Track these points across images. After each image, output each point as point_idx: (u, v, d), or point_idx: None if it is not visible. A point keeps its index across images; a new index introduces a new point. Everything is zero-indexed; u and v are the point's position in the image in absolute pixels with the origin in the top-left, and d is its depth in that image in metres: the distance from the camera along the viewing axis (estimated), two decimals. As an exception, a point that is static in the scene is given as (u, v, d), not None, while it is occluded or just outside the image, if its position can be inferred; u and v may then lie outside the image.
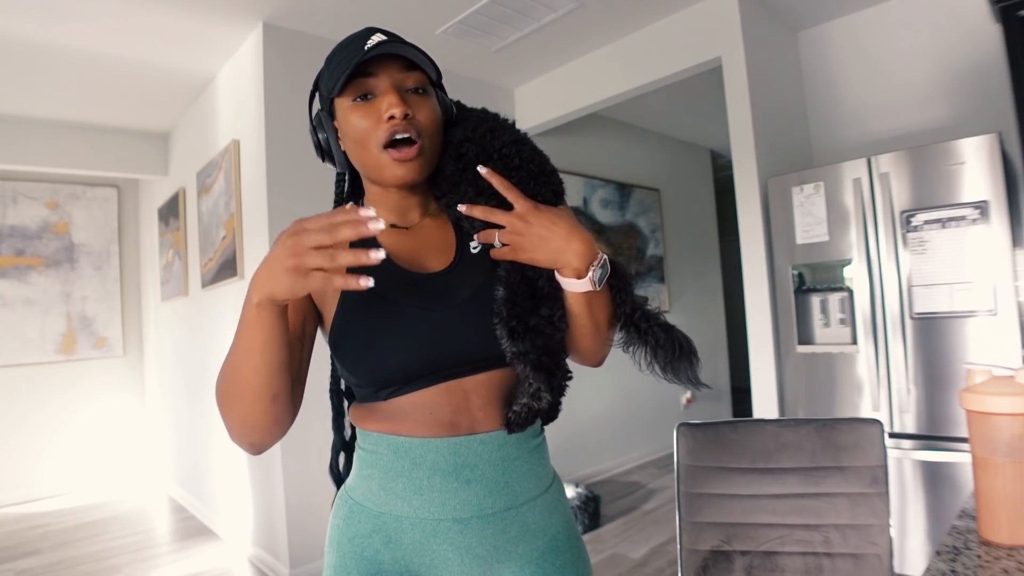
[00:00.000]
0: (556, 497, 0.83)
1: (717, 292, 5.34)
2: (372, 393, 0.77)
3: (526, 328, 0.73)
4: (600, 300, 0.77)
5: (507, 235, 0.74)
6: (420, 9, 2.69)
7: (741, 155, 2.66)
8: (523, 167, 0.77)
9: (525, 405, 0.75)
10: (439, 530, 0.73)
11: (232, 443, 0.76)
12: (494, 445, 0.76)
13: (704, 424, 1.24)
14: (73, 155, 3.84)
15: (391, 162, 0.74)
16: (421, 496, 0.73)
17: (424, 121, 0.75)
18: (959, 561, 0.71)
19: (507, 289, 0.75)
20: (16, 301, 4.21)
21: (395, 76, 0.75)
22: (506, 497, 0.76)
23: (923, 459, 2.10)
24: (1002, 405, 0.75)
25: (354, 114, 0.75)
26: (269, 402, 0.68)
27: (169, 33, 2.74)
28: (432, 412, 0.74)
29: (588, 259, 0.73)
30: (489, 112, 0.84)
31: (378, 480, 0.76)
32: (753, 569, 1.15)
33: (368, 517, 0.76)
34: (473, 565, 0.74)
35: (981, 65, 2.54)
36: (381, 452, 0.76)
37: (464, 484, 0.74)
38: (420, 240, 0.81)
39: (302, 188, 2.78)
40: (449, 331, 0.75)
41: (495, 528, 0.75)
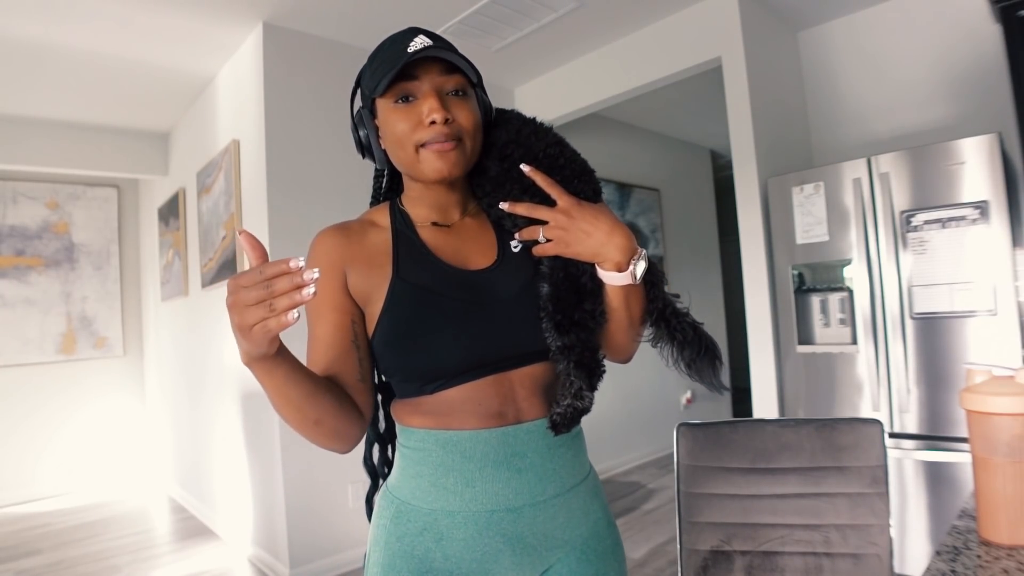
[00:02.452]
0: (595, 484, 0.87)
1: (717, 292, 5.34)
2: (419, 387, 0.77)
3: (571, 322, 0.76)
4: (636, 295, 0.80)
5: (551, 230, 0.77)
6: (420, 9, 2.69)
7: (741, 155, 2.66)
8: (567, 166, 0.80)
9: (569, 406, 0.77)
10: (492, 521, 0.75)
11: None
12: (540, 433, 0.78)
13: (704, 424, 1.24)
14: (73, 155, 3.84)
15: (430, 156, 0.76)
16: (473, 488, 0.75)
17: (464, 122, 0.77)
18: (959, 561, 0.71)
19: (551, 285, 0.78)
20: (16, 301, 4.21)
21: (436, 80, 0.76)
22: (555, 484, 0.78)
23: (923, 459, 2.10)
24: (1002, 405, 0.75)
25: (395, 115, 0.77)
26: (313, 426, 0.72)
27: (169, 33, 2.74)
28: (481, 403, 0.76)
29: (629, 253, 0.76)
30: (526, 116, 0.86)
31: (427, 477, 0.76)
32: (753, 569, 1.15)
33: (418, 515, 0.76)
34: (524, 555, 0.76)
35: (981, 65, 2.54)
36: (429, 448, 0.77)
37: (515, 473, 0.76)
38: (462, 238, 0.83)
39: (302, 188, 2.78)
40: (498, 326, 0.77)
41: (546, 515, 0.77)
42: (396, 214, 0.84)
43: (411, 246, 0.81)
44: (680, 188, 5.05)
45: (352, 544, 2.77)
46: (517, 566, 0.76)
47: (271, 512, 2.72)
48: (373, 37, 2.92)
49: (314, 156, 2.83)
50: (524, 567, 0.77)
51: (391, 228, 0.82)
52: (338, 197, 2.87)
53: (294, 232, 2.72)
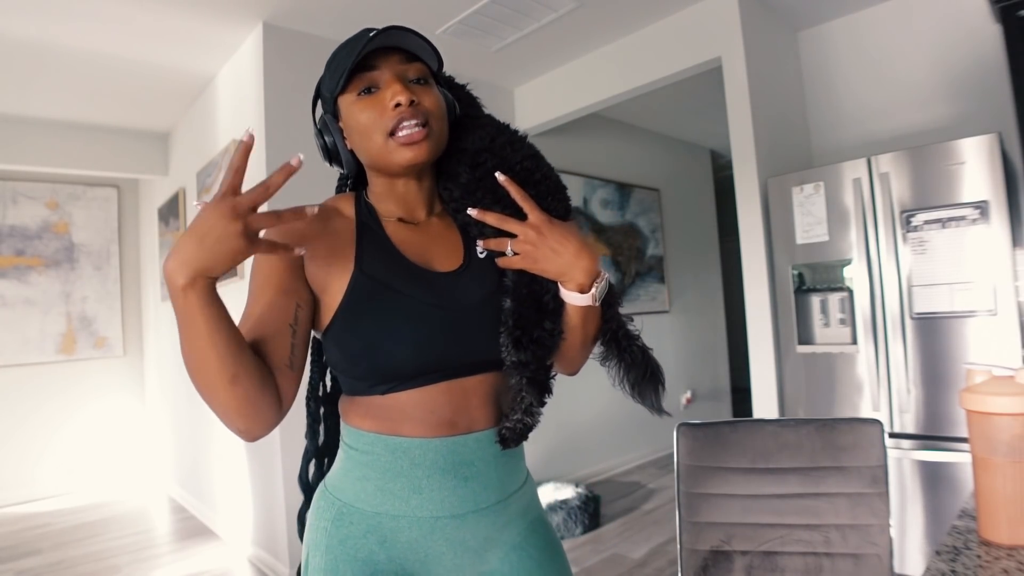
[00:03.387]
0: (532, 487, 0.88)
1: (717, 292, 5.34)
2: (370, 387, 0.76)
3: (530, 339, 0.76)
4: (594, 315, 0.81)
5: (520, 244, 0.76)
6: (420, 9, 2.69)
7: (741, 155, 2.66)
8: (542, 182, 0.80)
9: (519, 420, 0.78)
10: (436, 527, 0.75)
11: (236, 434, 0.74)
12: (487, 443, 0.78)
13: (704, 424, 1.24)
14: (73, 155, 3.84)
15: (398, 146, 0.74)
16: (420, 495, 0.74)
17: (430, 106, 0.75)
18: (959, 561, 0.71)
19: (514, 301, 0.77)
20: (16, 301, 4.21)
21: (396, 68, 0.76)
22: (498, 491, 0.79)
23: (923, 459, 2.10)
24: (1002, 405, 0.75)
25: (359, 107, 0.76)
26: (228, 384, 0.65)
27: (169, 33, 2.74)
28: (434, 411, 0.75)
29: (593, 275, 0.76)
30: (498, 121, 0.86)
31: (374, 481, 0.75)
32: (753, 569, 1.15)
33: (362, 518, 0.75)
34: (465, 557, 0.77)
35: (981, 65, 2.54)
36: (377, 452, 0.75)
37: (462, 481, 0.76)
38: (428, 238, 0.82)
39: (302, 188, 2.77)
40: (460, 332, 0.76)
41: (487, 520, 0.78)
42: (362, 205, 0.82)
43: (375, 240, 0.79)
44: (680, 188, 5.05)
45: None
46: (458, 568, 0.77)
47: (271, 512, 2.72)
48: (373, 37, 2.93)
49: (314, 156, 2.82)
50: (464, 568, 0.78)
51: (355, 219, 0.80)
52: (338, 197, 2.87)
53: (294, 232, 2.72)
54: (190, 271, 0.60)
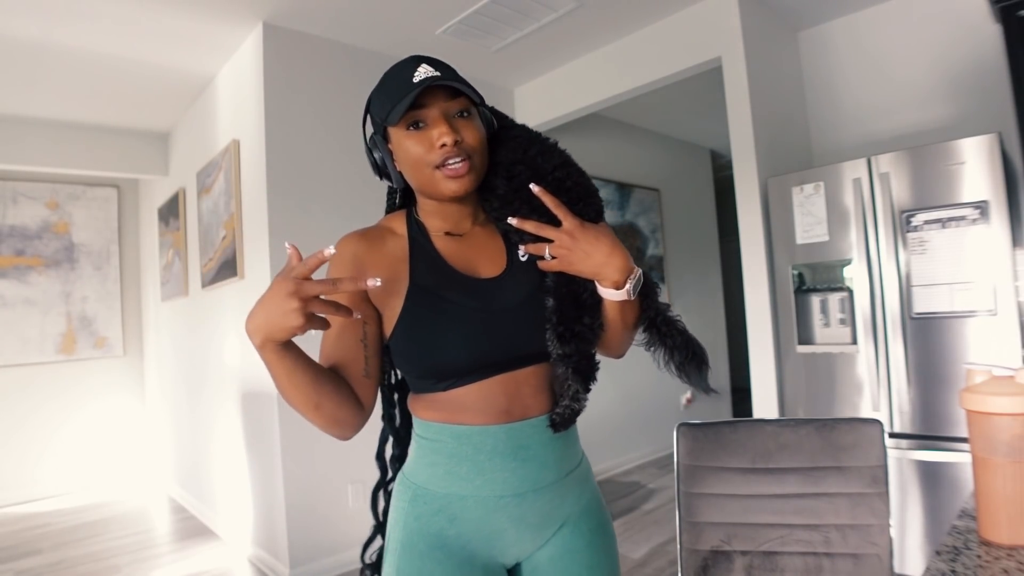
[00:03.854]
0: (587, 469, 0.96)
1: (717, 292, 5.34)
2: (432, 384, 0.85)
3: (572, 334, 0.84)
4: (631, 306, 0.87)
5: (556, 249, 0.84)
6: (420, 9, 2.69)
7: (741, 155, 2.65)
8: (573, 189, 0.87)
9: (567, 407, 0.85)
10: (499, 505, 0.84)
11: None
12: (542, 427, 0.86)
13: (704, 424, 1.24)
14: (73, 155, 3.84)
15: (444, 178, 0.82)
16: (483, 477, 0.83)
17: (471, 141, 0.83)
18: (959, 561, 0.71)
19: (556, 300, 0.85)
20: (16, 301, 4.21)
21: (442, 105, 0.82)
22: (554, 471, 0.87)
23: (923, 459, 2.10)
24: (1002, 405, 0.75)
25: (409, 141, 0.83)
26: (314, 411, 0.79)
27: (169, 33, 2.74)
28: (490, 402, 0.84)
29: (626, 273, 0.83)
30: (531, 131, 0.92)
31: (442, 465, 0.85)
32: (753, 569, 1.15)
33: (433, 499, 0.85)
34: (525, 532, 0.86)
35: (981, 65, 2.54)
36: (444, 440, 0.85)
37: (520, 463, 0.84)
38: (473, 247, 0.91)
39: (302, 188, 2.78)
40: (505, 330, 0.84)
41: (545, 498, 0.86)
42: (412, 223, 0.91)
43: (425, 254, 0.88)
44: (680, 188, 5.04)
45: (352, 544, 2.77)
46: (519, 541, 0.87)
47: (271, 512, 2.72)
48: (373, 37, 2.94)
49: (314, 156, 2.83)
50: (525, 542, 0.87)
51: (407, 236, 0.90)
52: (338, 197, 2.87)
53: (294, 232, 2.72)
54: (260, 336, 0.71)
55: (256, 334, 0.70)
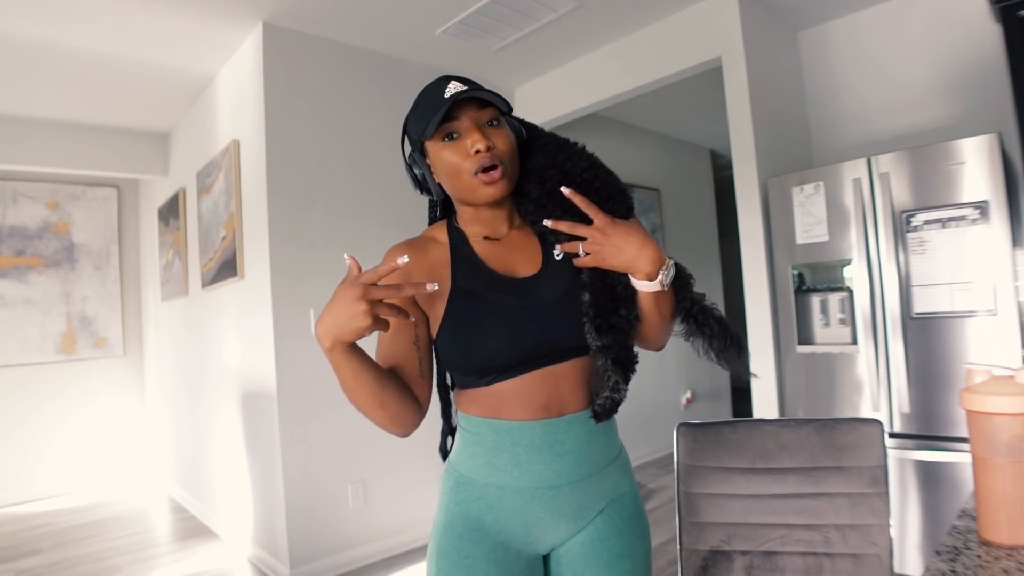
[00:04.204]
0: (624, 462, 0.99)
1: (717, 292, 5.34)
2: (476, 380, 0.90)
3: (608, 325, 0.87)
4: (666, 298, 0.91)
5: (589, 245, 0.88)
6: (420, 9, 2.69)
7: (741, 155, 2.65)
8: (602, 189, 0.91)
9: (608, 398, 0.89)
10: (535, 496, 0.88)
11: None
12: (579, 423, 0.90)
13: (704, 424, 1.24)
14: (73, 155, 3.84)
15: (481, 184, 0.88)
16: (520, 469, 0.88)
17: (503, 148, 0.89)
18: (959, 561, 0.71)
19: (591, 294, 0.89)
20: (16, 301, 4.21)
21: (473, 115, 0.88)
22: (590, 465, 0.91)
23: (923, 459, 2.10)
24: (1002, 405, 0.75)
25: (445, 152, 0.89)
26: (379, 409, 0.85)
27: (169, 33, 2.74)
28: (531, 396, 0.88)
29: (658, 264, 0.88)
30: (559, 138, 0.98)
31: (483, 457, 0.90)
32: (753, 569, 1.15)
33: (474, 487, 0.91)
34: (560, 522, 0.91)
35: (981, 65, 2.54)
36: (484, 433, 0.90)
37: (556, 457, 0.88)
38: (510, 249, 0.96)
39: (302, 188, 2.78)
40: (544, 326, 0.89)
41: (581, 490, 0.90)
42: (453, 231, 0.97)
43: (466, 258, 0.94)
44: (680, 188, 5.04)
45: (352, 544, 2.77)
46: (554, 530, 0.91)
47: (271, 512, 2.72)
48: (373, 37, 2.94)
49: (314, 156, 2.83)
50: (560, 531, 0.91)
51: (449, 243, 0.96)
52: (338, 196, 2.87)
53: (294, 232, 2.72)
54: (330, 339, 0.77)
55: (326, 337, 0.76)
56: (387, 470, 2.91)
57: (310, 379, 2.70)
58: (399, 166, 3.08)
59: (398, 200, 3.03)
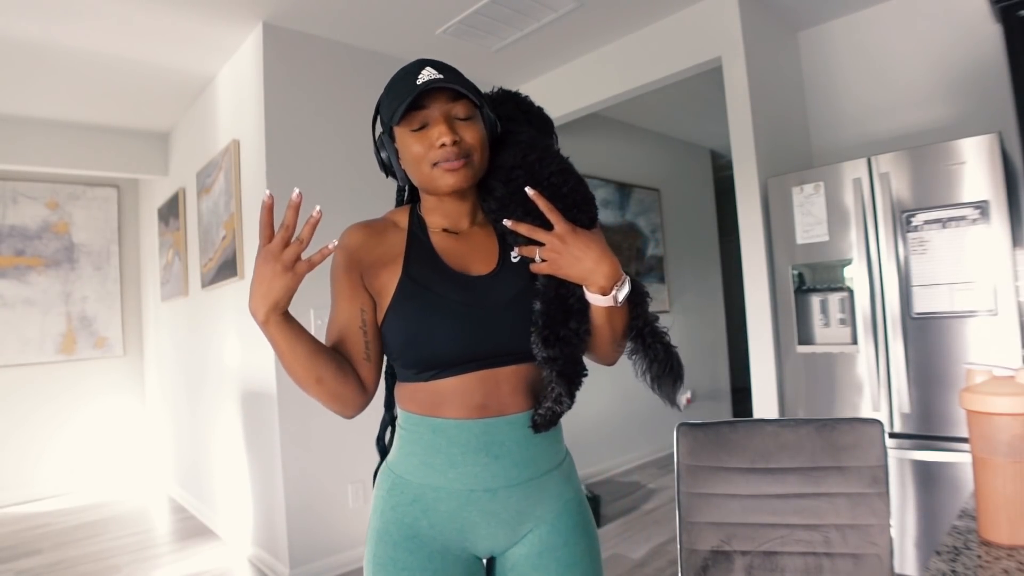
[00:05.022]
0: (569, 469, 0.97)
1: (717, 292, 5.34)
2: (415, 374, 0.88)
3: (556, 338, 0.85)
4: (619, 313, 0.88)
5: (546, 252, 0.86)
6: (420, 9, 2.69)
7: (741, 155, 2.65)
8: (569, 195, 0.89)
9: (549, 409, 0.87)
10: (471, 499, 0.86)
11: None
12: (518, 425, 0.88)
13: (704, 424, 1.24)
14: (73, 155, 3.84)
15: (442, 173, 0.86)
16: (456, 470, 0.86)
17: (471, 141, 0.86)
18: (959, 561, 0.71)
19: (543, 303, 0.87)
20: (16, 301, 4.21)
21: (444, 107, 0.86)
22: (529, 469, 0.89)
23: (923, 459, 2.10)
24: (1002, 405, 0.75)
25: (411, 140, 0.87)
26: (316, 384, 0.84)
27: (169, 33, 2.74)
28: (469, 396, 0.86)
29: (613, 280, 0.85)
30: (534, 136, 0.95)
31: (419, 456, 0.88)
32: (753, 569, 1.15)
33: (409, 488, 0.88)
34: (498, 528, 0.88)
35: (981, 65, 2.54)
36: (421, 431, 0.88)
37: (493, 459, 0.86)
38: (468, 245, 0.94)
39: (302, 188, 2.76)
40: (490, 327, 0.87)
41: (519, 495, 0.88)
42: (414, 218, 0.95)
43: (421, 249, 0.92)
44: (680, 188, 5.04)
45: (352, 544, 2.77)
46: (492, 536, 0.88)
47: (271, 512, 2.72)
48: (373, 37, 2.93)
49: (314, 156, 2.83)
50: (499, 537, 0.89)
51: (407, 230, 0.94)
52: (338, 196, 2.87)
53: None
54: (264, 310, 0.78)
55: (258, 310, 0.78)
56: (387, 470, 2.91)
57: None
58: (399, 166, 3.08)
59: (398, 200, 3.03)
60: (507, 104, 1.00)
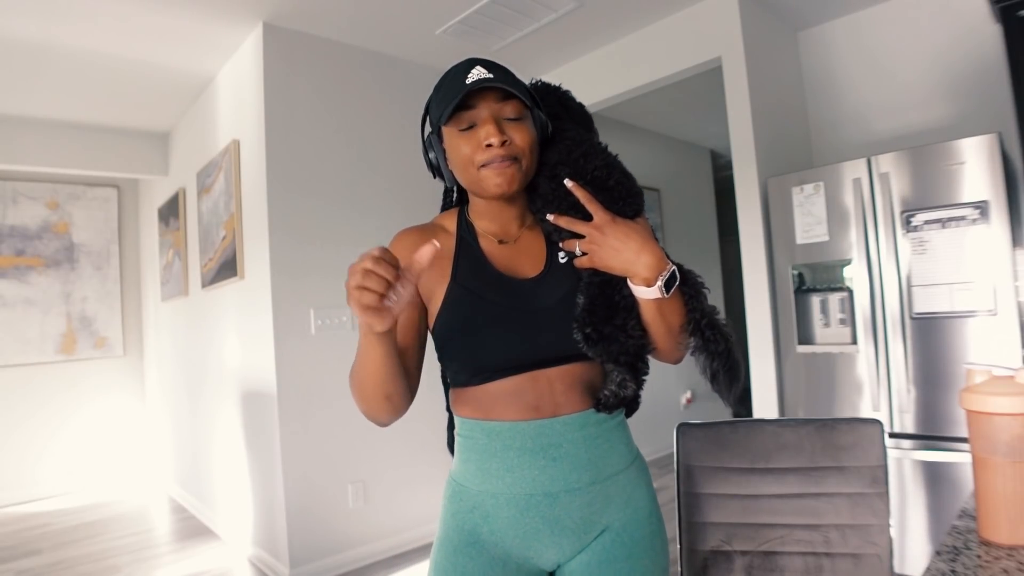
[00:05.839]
0: (639, 473, 0.92)
1: (717, 292, 5.34)
2: (467, 378, 0.87)
3: (600, 335, 0.82)
4: (671, 307, 0.85)
5: (585, 244, 0.84)
6: (420, 9, 2.69)
7: (741, 155, 2.65)
8: (615, 188, 0.87)
9: (613, 392, 0.86)
10: (531, 504, 0.83)
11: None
12: (575, 425, 0.85)
13: (704, 424, 1.24)
14: (73, 155, 3.84)
15: (489, 174, 0.83)
16: (513, 474, 0.84)
17: (520, 143, 0.84)
18: (959, 561, 0.71)
19: (587, 298, 0.85)
20: (16, 301, 4.21)
21: (493, 107, 0.83)
22: (590, 472, 0.85)
23: (923, 459, 2.10)
24: (1002, 405, 0.75)
25: (459, 141, 0.85)
26: (384, 400, 0.82)
27: (169, 33, 2.74)
28: (520, 397, 0.84)
29: (656, 271, 0.82)
30: (581, 134, 0.93)
31: (475, 462, 0.87)
32: (753, 569, 1.15)
33: (468, 496, 0.87)
34: (563, 536, 0.84)
35: (981, 65, 2.54)
36: (476, 436, 0.87)
37: (551, 461, 0.83)
38: (517, 249, 0.92)
39: (302, 188, 2.78)
40: (538, 329, 0.85)
41: (581, 500, 0.84)
42: (463, 222, 0.94)
43: (470, 254, 0.90)
44: (680, 188, 5.04)
45: (352, 544, 2.77)
46: (556, 545, 0.85)
47: (271, 512, 2.72)
48: (373, 37, 2.93)
49: (314, 156, 2.83)
50: (563, 546, 0.85)
51: (456, 235, 0.92)
52: (338, 196, 2.87)
53: (294, 232, 2.72)
54: (365, 327, 0.74)
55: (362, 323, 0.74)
56: (387, 470, 2.91)
57: (310, 379, 2.70)
58: (400, 166, 3.08)
59: (399, 200, 3.03)
60: (549, 98, 0.97)
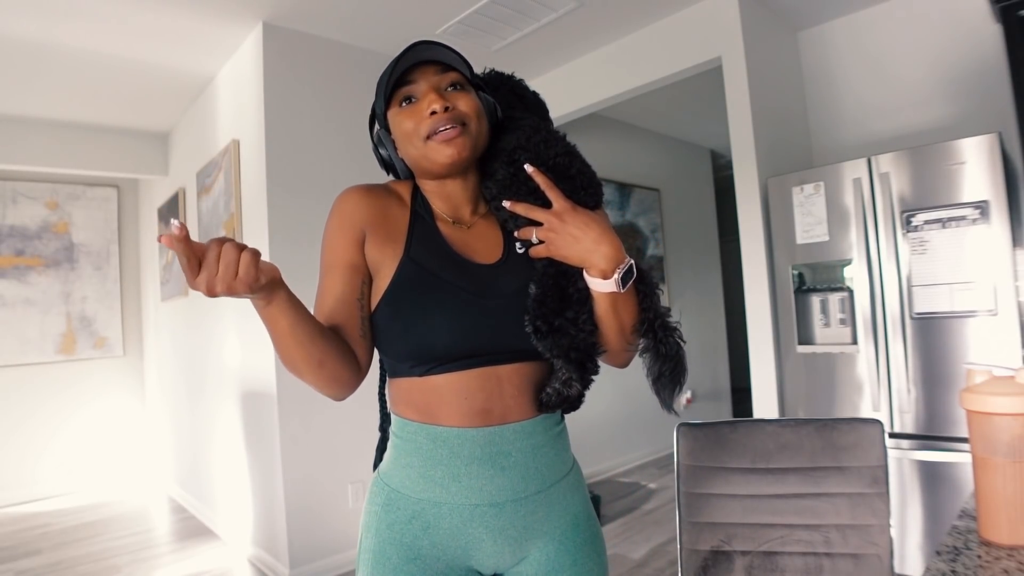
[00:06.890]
0: (576, 478, 0.90)
1: (717, 292, 5.34)
2: (409, 368, 0.81)
3: (549, 328, 0.78)
4: (625, 303, 0.81)
5: (543, 232, 0.80)
6: (420, 9, 2.69)
7: (741, 155, 2.65)
8: (577, 176, 0.84)
9: (556, 391, 0.82)
10: (475, 515, 0.79)
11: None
12: (524, 433, 0.81)
13: (704, 424, 1.24)
14: (73, 155, 3.84)
15: (437, 145, 0.80)
16: (459, 483, 0.79)
17: (465, 108, 0.81)
18: (959, 561, 0.71)
19: (539, 288, 0.80)
20: (16, 301, 4.21)
21: (432, 79, 0.81)
22: (537, 481, 0.82)
23: (923, 459, 2.10)
24: (1002, 405, 0.75)
25: (401, 117, 0.82)
26: (318, 368, 0.77)
27: (169, 33, 2.74)
28: (468, 396, 0.79)
29: (615, 262, 0.78)
30: (537, 121, 0.91)
31: (417, 468, 0.80)
32: (753, 569, 1.15)
33: (407, 504, 0.81)
34: (504, 545, 0.81)
35: (981, 65, 2.54)
36: (420, 441, 0.80)
37: (499, 471, 0.79)
38: (472, 234, 0.87)
39: (302, 188, 2.78)
40: (495, 319, 0.80)
41: (526, 509, 0.81)
42: (418, 197, 0.88)
43: (426, 230, 0.85)
44: (680, 188, 5.04)
45: (352, 544, 2.76)
46: (498, 554, 0.81)
47: (271, 512, 2.72)
48: (373, 37, 2.93)
49: (314, 156, 2.83)
50: (504, 555, 0.82)
51: (411, 208, 0.87)
52: (338, 197, 2.87)
53: (294, 232, 2.72)
54: (255, 306, 0.72)
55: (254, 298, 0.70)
56: (387, 470, 2.91)
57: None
58: (399, 166, 3.08)
59: (398, 200, 3.03)
60: (502, 89, 0.95)
